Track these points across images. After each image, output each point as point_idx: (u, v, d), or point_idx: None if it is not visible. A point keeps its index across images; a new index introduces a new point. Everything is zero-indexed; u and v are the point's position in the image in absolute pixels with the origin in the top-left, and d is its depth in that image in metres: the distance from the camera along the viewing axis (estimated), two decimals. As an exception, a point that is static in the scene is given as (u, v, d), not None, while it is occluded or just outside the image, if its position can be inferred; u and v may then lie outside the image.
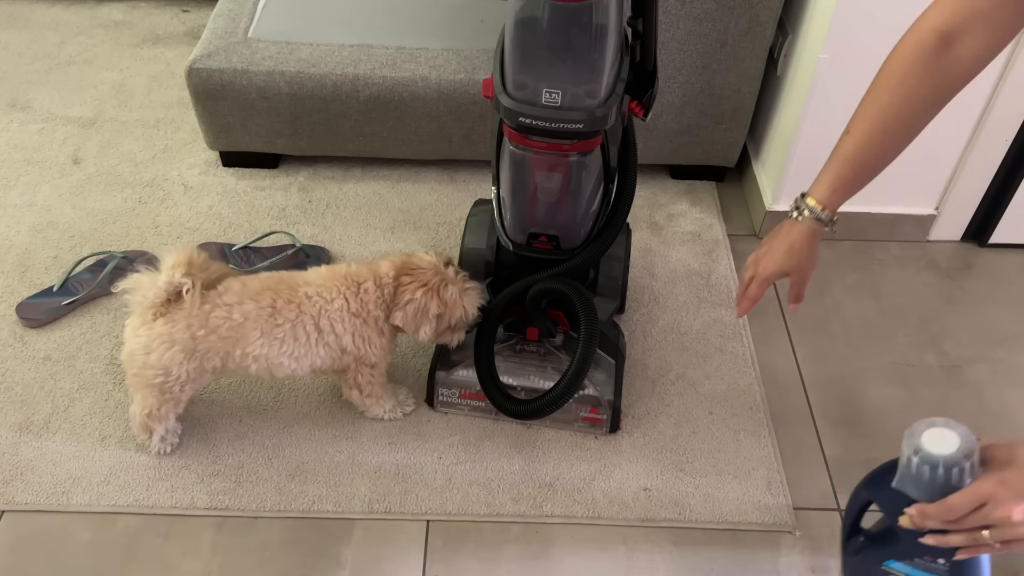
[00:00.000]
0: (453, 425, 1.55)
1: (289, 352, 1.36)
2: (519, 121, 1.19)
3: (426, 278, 1.37)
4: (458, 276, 1.40)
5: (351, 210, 1.94)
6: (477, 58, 1.84)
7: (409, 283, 1.36)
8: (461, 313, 1.39)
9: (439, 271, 1.38)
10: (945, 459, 0.86)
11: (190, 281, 1.28)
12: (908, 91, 1.01)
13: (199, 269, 1.30)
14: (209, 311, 1.31)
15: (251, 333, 1.33)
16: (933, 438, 0.88)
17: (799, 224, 1.14)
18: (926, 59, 0.99)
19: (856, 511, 1.02)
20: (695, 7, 1.70)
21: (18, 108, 2.17)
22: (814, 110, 1.69)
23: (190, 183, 1.98)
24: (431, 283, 1.36)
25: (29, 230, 1.86)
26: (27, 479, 1.44)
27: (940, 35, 0.98)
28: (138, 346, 1.32)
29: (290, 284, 1.37)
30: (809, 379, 1.66)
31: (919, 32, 1.00)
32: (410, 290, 1.36)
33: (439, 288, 1.36)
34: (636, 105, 1.29)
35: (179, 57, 2.32)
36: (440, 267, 1.38)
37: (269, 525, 1.41)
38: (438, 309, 1.37)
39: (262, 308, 1.33)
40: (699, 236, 1.91)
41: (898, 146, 1.06)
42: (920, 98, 1.01)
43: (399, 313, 1.37)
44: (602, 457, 1.51)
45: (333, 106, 1.86)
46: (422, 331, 1.39)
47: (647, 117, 1.31)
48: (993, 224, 1.87)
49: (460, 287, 1.39)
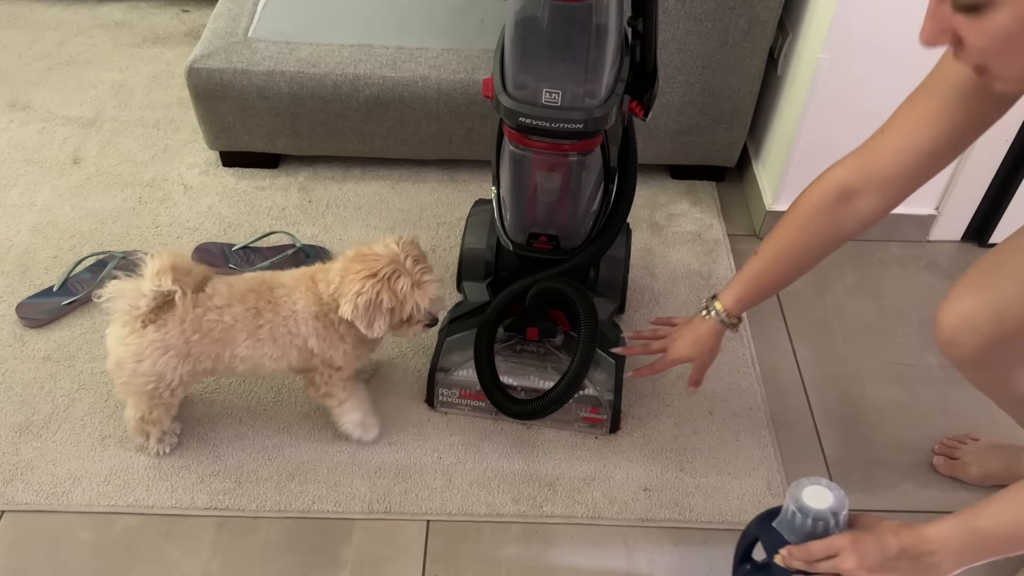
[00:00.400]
0: (453, 425, 1.55)
1: (270, 354, 1.35)
2: (519, 121, 1.19)
3: (377, 267, 1.28)
4: (416, 268, 1.30)
5: (351, 210, 1.94)
6: (477, 58, 1.84)
7: (358, 271, 1.28)
8: (412, 307, 1.30)
9: (394, 260, 1.29)
10: (815, 512, 1.00)
11: (180, 288, 1.27)
12: (808, 234, 1.17)
13: (184, 273, 1.29)
14: (202, 315, 1.30)
15: (239, 335, 1.32)
16: (812, 494, 1.02)
17: (707, 321, 1.30)
18: (827, 210, 1.14)
19: (747, 543, 1.14)
20: (695, 7, 1.70)
21: (18, 108, 2.17)
22: (814, 110, 1.69)
23: (190, 183, 1.98)
24: (381, 272, 1.28)
25: (29, 230, 1.86)
26: (27, 479, 1.44)
27: (841, 191, 1.12)
28: (128, 355, 1.31)
29: (269, 285, 1.35)
30: (809, 379, 1.66)
31: (824, 184, 1.14)
32: (358, 279, 1.27)
33: (390, 278, 1.28)
34: (636, 105, 1.29)
35: (179, 57, 2.32)
36: (397, 256, 1.29)
37: (269, 525, 1.41)
38: (391, 303, 1.29)
39: (248, 310, 1.32)
40: (699, 236, 1.91)
41: (794, 275, 1.24)
42: (816, 242, 1.18)
43: (347, 306, 1.27)
44: (602, 457, 1.51)
45: (333, 106, 1.86)
46: (376, 326, 1.30)
47: (647, 117, 1.31)
48: (993, 224, 1.87)
49: (415, 279, 1.29)
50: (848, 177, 1.11)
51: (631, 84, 1.26)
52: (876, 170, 1.09)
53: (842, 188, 1.12)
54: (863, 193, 1.11)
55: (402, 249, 1.30)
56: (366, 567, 1.36)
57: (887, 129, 1.09)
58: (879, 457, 1.54)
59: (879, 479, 1.51)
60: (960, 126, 1.02)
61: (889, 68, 1.62)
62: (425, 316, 1.34)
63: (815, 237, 1.17)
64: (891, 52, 1.59)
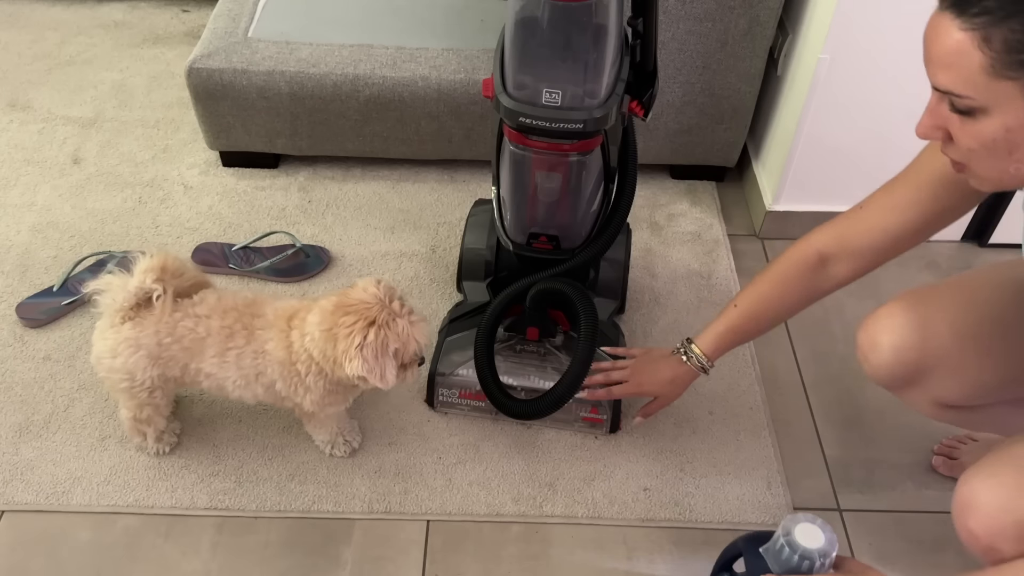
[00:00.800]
0: (453, 425, 1.55)
1: (233, 379, 1.32)
2: (519, 121, 1.19)
3: (371, 314, 1.22)
4: (403, 308, 1.25)
5: (351, 210, 1.94)
6: (477, 58, 1.84)
7: (354, 323, 1.22)
8: (415, 348, 1.27)
9: (383, 304, 1.23)
10: (804, 549, 1.02)
11: (161, 287, 1.26)
12: (785, 290, 1.27)
13: (172, 275, 1.29)
14: (178, 320, 1.29)
15: (208, 349, 1.30)
16: (804, 531, 1.04)
17: (685, 365, 1.36)
18: (804, 270, 1.23)
19: (730, 555, 1.19)
20: (695, 7, 1.70)
21: (18, 108, 2.17)
22: (814, 110, 1.69)
23: (190, 183, 1.98)
24: (380, 319, 1.22)
25: (29, 230, 1.86)
26: (27, 479, 1.44)
27: (819, 256, 1.22)
28: (104, 349, 1.31)
29: (254, 311, 1.32)
30: (809, 379, 1.66)
31: (806, 247, 1.23)
32: (358, 331, 1.21)
33: (388, 323, 1.23)
34: (636, 105, 1.29)
35: (179, 57, 2.32)
36: (383, 300, 1.24)
37: (269, 525, 1.41)
38: (395, 346, 1.23)
39: (223, 327, 1.30)
40: (699, 236, 1.91)
41: (769, 327, 1.34)
42: (793, 300, 1.28)
43: (356, 361, 1.20)
44: (602, 457, 1.51)
45: (333, 106, 1.86)
46: (387, 375, 1.24)
47: (647, 117, 1.31)
48: (993, 224, 1.87)
49: (409, 319, 1.25)
50: (826, 244, 1.21)
51: (631, 84, 1.26)
52: (850, 240, 1.19)
53: (820, 253, 1.21)
54: (838, 259, 1.21)
55: (383, 292, 1.25)
56: (366, 567, 1.36)
57: (864, 206, 1.19)
58: (879, 457, 1.54)
59: (879, 479, 1.51)
60: (928, 215, 1.13)
61: (889, 68, 1.62)
62: (418, 356, 1.30)
63: (792, 295, 1.27)
64: (891, 52, 1.59)
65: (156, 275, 1.26)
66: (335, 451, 1.47)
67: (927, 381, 1.20)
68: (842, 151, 1.76)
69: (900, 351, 1.19)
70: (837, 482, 1.50)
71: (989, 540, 0.98)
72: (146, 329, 1.29)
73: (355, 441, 1.48)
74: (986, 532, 0.99)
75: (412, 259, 1.83)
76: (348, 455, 1.48)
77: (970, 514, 1.00)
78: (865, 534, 1.44)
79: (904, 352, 1.18)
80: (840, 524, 1.45)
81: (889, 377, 1.23)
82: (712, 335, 1.33)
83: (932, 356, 1.17)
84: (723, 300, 1.77)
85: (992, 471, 1.00)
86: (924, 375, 1.19)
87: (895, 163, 1.88)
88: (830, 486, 1.50)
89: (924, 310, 1.19)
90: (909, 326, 1.18)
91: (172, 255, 1.31)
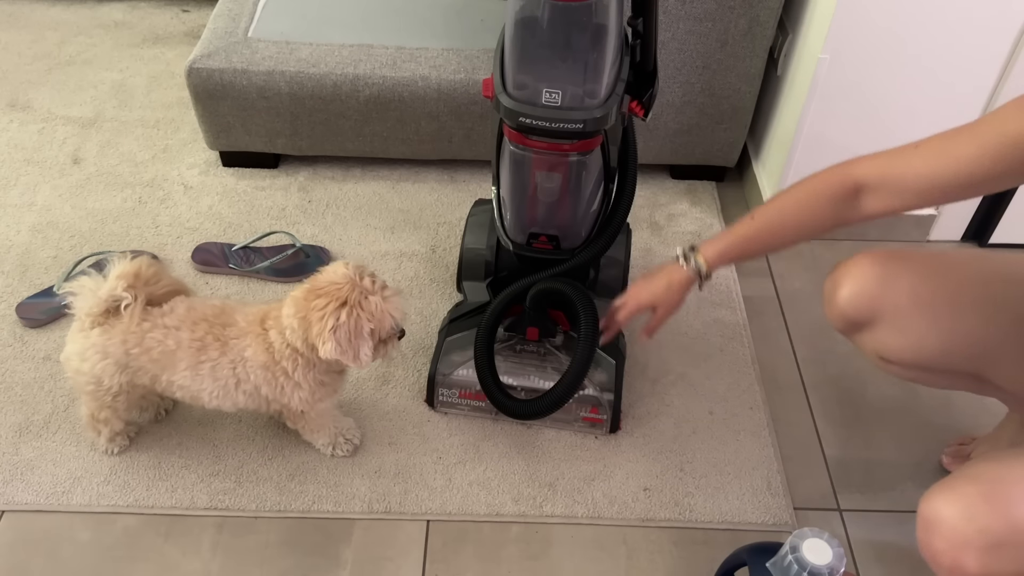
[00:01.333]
0: (453, 425, 1.55)
1: (209, 391, 1.31)
2: (519, 121, 1.19)
3: (342, 294, 1.21)
4: (375, 284, 1.24)
5: (351, 210, 1.94)
6: (477, 58, 1.84)
7: (325, 305, 1.21)
8: (391, 323, 1.26)
9: (353, 283, 1.22)
10: (812, 566, 1.02)
11: (131, 296, 1.25)
12: (810, 210, 1.18)
13: (145, 283, 1.27)
14: (147, 330, 1.28)
15: (179, 362, 1.29)
16: (812, 547, 1.04)
17: (682, 270, 1.28)
18: (837, 195, 1.15)
19: (733, 564, 1.21)
20: (695, 7, 1.70)
21: (18, 108, 2.17)
22: (814, 110, 1.69)
23: (190, 183, 1.98)
24: (351, 298, 1.21)
25: (29, 230, 1.86)
26: (27, 479, 1.44)
27: (857, 184, 1.13)
28: (72, 351, 1.31)
29: (225, 321, 1.30)
30: (809, 379, 1.66)
31: (844, 173, 1.15)
32: (330, 313, 1.20)
33: (360, 302, 1.22)
34: (636, 105, 1.29)
35: (179, 57, 2.32)
36: (354, 279, 1.23)
37: (269, 525, 1.41)
38: (370, 325, 1.22)
39: (193, 340, 1.28)
40: (699, 236, 1.91)
41: (782, 244, 1.25)
42: (815, 222, 1.19)
43: (329, 344, 1.20)
44: (602, 457, 1.51)
45: (333, 106, 1.86)
46: (362, 355, 1.24)
47: (647, 117, 1.31)
48: (993, 224, 1.87)
49: (382, 295, 1.24)
50: (868, 174, 1.13)
51: (631, 84, 1.27)
52: (895, 177, 1.12)
53: (858, 183, 1.13)
54: (876, 193, 1.13)
55: (354, 271, 1.24)
56: (366, 567, 1.36)
57: (921, 148, 1.11)
58: (879, 457, 1.54)
59: (879, 479, 1.51)
60: (985, 174, 1.05)
61: (889, 67, 1.62)
62: (398, 328, 1.29)
63: (816, 218, 1.18)
64: (891, 52, 1.59)
65: (128, 282, 1.25)
66: (337, 451, 1.47)
67: (874, 331, 1.22)
68: (842, 151, 1.74)
69: (857, 296, 1.21)
70: (837, 482, 1.50)
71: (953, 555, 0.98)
72: (114, 337, 1.28)
73: (355, 438, 1.48)
74: (950, 545, 0.98)
75: (412, 259, 1.83)
76: (351, 453, 1.48)
77: (934, 531, 1.00)
78: (865, 534, 1.44)
79: (860, 298, 1.21)
80: (840, 524, 1.45)
81: (841, 319, 1.25)
82: (719, 243, 1.26)
83: (884, 309, 1.20)
84: (723, 300, 1.78)
85: (952, 486, 1.01)
86: (872, 324, 1.22)
87: (895, 163, 1.87)
88: (830, 486, 1.50)
89: (891, 267, 1.22)
90: (873, 277, 1.21)
91: (148, 261, 1.30)
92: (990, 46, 1.58)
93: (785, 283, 1.83)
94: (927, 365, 1.23)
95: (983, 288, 1.20)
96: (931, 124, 1.78)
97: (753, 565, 1.11)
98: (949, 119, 1.71)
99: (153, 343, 1.28)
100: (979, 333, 1.18)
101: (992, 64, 1.61)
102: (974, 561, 0.96)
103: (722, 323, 1.73)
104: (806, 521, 1.44)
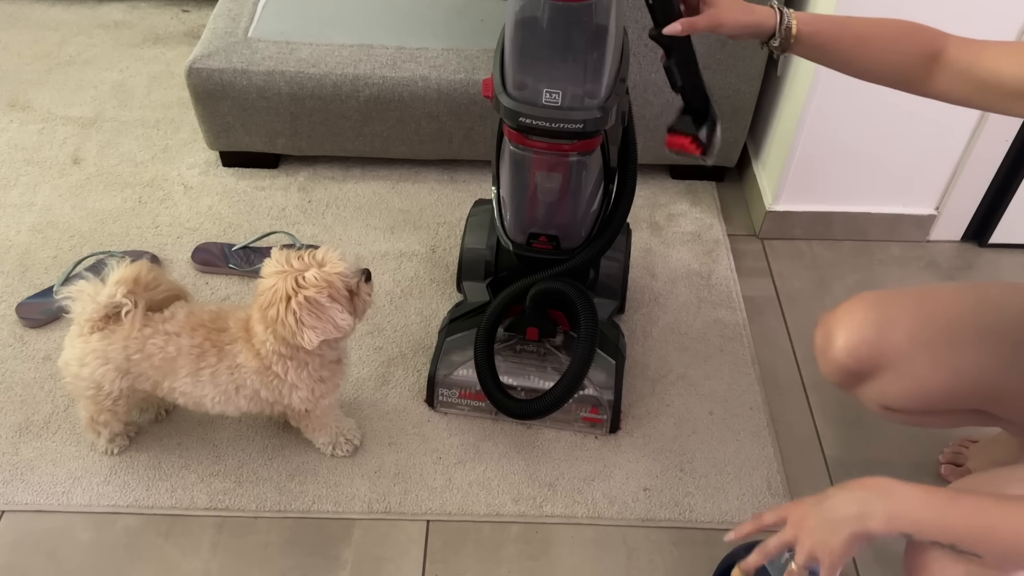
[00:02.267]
0: (453, 425, 1.55)
1: (211, 397, 1.31)
2: (519, 121, 1.19)
3: (280, 290, 1.19)
4: (306, 259, 1.21)
5: (351, 210, 1.94)
6: (477, 58, 1.84)
7: (276, 310, 1.20)
8: (343, 278, 1.22)
9: (281, 269, 1.20)
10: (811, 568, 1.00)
11: (131, 302, 1.24)
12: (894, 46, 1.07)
13: (145, 288, 1.26)
14: (148, 336, 1.27)
15: (180, 369, 1.28)
16: None
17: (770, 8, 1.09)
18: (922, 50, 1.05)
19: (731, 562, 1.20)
20: (695, 7, 1.70)
21: (18, 108, 2.17)
22: (814, 110, 1.69)
23: (190, 183, 1.98)
24: (289, 288, 1.19)
25: (29, 230, 1.86)
26: (27, 479, 1.44)
27: (939, 48, 1.04)
28: (72, 356, 1.30)
29: (220, 326, 1.29)
30: (809, 379, 1.66)
31: (936, 33, 1.05)
32: (284, 312, 1.18)
33: (299, 284, 1.19)
34: (691, 143, 1.22)
35: (179, 57, 2.32)
36: (280, 264, 1.21)
37: (269, 525, 1.41)
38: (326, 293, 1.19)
39: (193, 346, 1.28)
40: (699, 236, 1.91)
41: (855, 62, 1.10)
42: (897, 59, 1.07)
43: (306, 335, 1.19)
44: (602, 457, 1.51)
45: (333, 106, 1.86)
46: (339, 321, 1.21)
47: (709, 156, 1.23)
48: (993, 224, 1.87)
49: (317, 262, 1.21)
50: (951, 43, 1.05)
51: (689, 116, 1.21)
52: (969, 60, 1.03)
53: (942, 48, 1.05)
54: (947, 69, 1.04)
55: (280, 261, 1.22)
56: (366, 567, 1.36)
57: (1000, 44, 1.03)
58: (879, 458, 1.54)
59: (879, 479, 1.51)
60: None
61: (889, 68, 1.62)
62: (356, 274, 1.25)
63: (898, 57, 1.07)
64: (891, 52, 1.59)
65: (127, 287, 1.24)
66: (337, 451, 1.47)
67: (876, 380, 1.18)
68: (842, 151, 1.76)
69: (855, 346, 1.17)
70: (837, 482, 1.50)
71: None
72: (115, 343, 1.27)
73: (356, 439, 1.48)
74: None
75: (412, 259, 1.83)
76: (351, 454, 1.48)
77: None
78: (865, 534, 1.44)
79: (859, 346, 1.17)
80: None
81: (840, 371, 1.20)
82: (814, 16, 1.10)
83: (885, 355, 1.16)
84: (723, 300, 1.78)
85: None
86: (874, 373, 1.18)
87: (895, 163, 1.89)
88: (829, 486, 1.50)
89: (884, 310, 1.18)
90: (868, 322, 1.17)
91: (147, 266, 1.29)
92: (990, 46, 1.58)
93: (785, 283, 1.83)
94: (933, 408, 1.19)
95: (978, 319, 1.16)
96: (931, 124, 1.79)
97: None
98: (949, 119, 1.72)
99: (154, 349, 1.27)
100: (981, 366, 1.14)
101: (992, 64, 1.60)
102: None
103: (722, 323, 1.73)
104: (806, 521, 1.44)
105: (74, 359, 1.30)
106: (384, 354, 1.65)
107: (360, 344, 1.66)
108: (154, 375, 1.30)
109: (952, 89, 1.05)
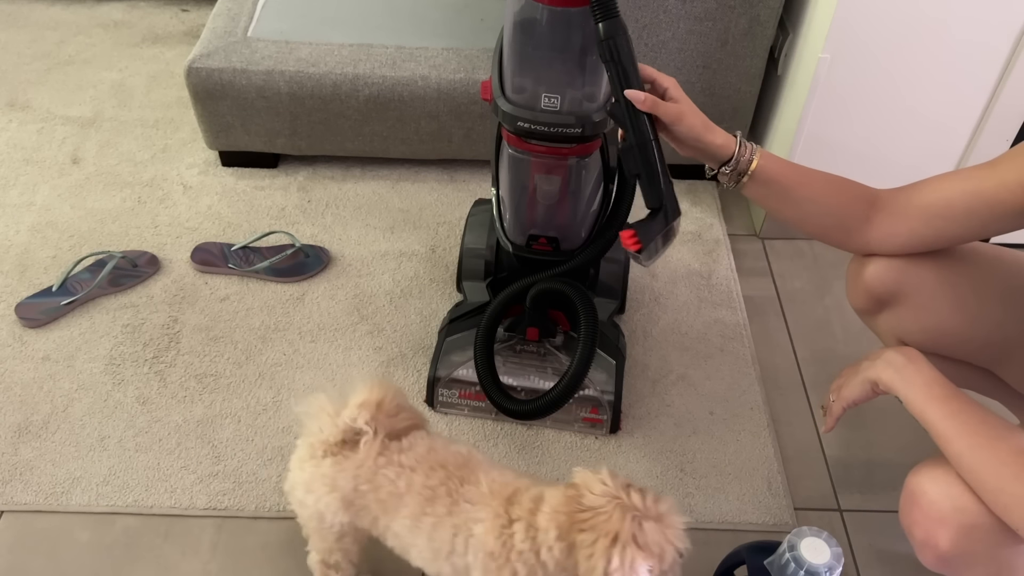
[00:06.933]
0: (453, 426, 1.54)
1: (419, 548, 1.12)
2: (518, 125, 1.19)
3: (611, 527, 0.97)
4: (645, 501, 0.99)
5: (351, 210, 1.94)
6: (477, 58, 1.84)
7: (593, 542, 0.97)
8: (672, 555, 0.99)
9: (624, 506, 0.98)
10: (810, 565, 1.03)
11: (372, 430, 1.10)
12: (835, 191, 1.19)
13: (387, 414, 1.11)
14: (381, 465, 1.10)
15: (403, 508, 1.10)
16: (810, 545, 1.05)
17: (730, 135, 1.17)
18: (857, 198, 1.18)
19: (730, 564, 1.22)
20: (695, 6, 1.70)
21: (17, 108, 2.17)
22: (814, 110, 1.69)
23: (189, 183, 1.98)
24: (622, 533, 0.96)
25: (28, 230, 1.86)
26: (27, 479, 1.44)
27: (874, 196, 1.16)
28: (299, 481, 1.15)
29: (465, 476, 1.10)
30: (810, 379, 1.66)
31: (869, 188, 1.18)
32: (599, 553, 0.96)
33: (635, 535, 0.97)
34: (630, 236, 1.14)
35: (179, 57, 2.32)
36: (620, 497, 0.99)
37: (269, 526, 1.41)
38: (649, 563, 0.97)
39: (426, 487, 1.09)
40: (699, 236, 1.91)
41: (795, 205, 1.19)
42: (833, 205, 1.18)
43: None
44: (602, 457, 1.51)
45: (333, 106, 1.85)
46: None
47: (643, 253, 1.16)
48: (993, 224, 1.87)
49: (658, 517, 0.99)
50: (884, 192, 1.15)
51: None
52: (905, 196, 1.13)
53: (876, 196, 1.15)
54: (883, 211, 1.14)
55: (615, 485, 1.00)
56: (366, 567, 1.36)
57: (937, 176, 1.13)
58: (879, 457, 1.54)
59: (879, 479, 1.51)
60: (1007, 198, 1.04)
61: (889, 68, 1.62)
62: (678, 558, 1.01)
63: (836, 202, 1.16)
64: (891, 52, 1.59)
65: (370, 413, 1.09)
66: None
67: (896, 309, 1.21)
68: (842, 151, 1.76)
69: (885, 271, 1.19)
70: (837, 482, 1.50)
71: (928, 527, 1.04)
72: (346, 471, 1.11)
73: None
74: (927, 518, 1.04)
75: (412, 259, 1.83)
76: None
77: (915, 504, 1.06)
78: (865, 534, 1.44)
79: (888, 272, 1.19)
80: (840, 524, 1.45)
81: (866, 295, 1.23)
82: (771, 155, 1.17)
83: (909, 285, 1.18)
84: (723, 300, 1.78)
85: (938, 464, 1.06)
86: (896, 302, 1.21)
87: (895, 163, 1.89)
88: (830, 486, 1.50)
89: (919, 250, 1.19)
90: (902, 256, 1.19)
91: (393, 388, 1.13)
92: (991, 46, 1.58)
93: (785, 283, 1.83)
94: (943, 350, 1.21)
95: (1008, 281, 1.18)
96: (932, 124, 1.79)
97: (751, 563, 1.12)
98: (949, 119, 1.71)
99: (384, 481, 1.10)
100: (1000, 324, 1.17)
101: (993, 64, 1.60)
102: (946, 537, 1.02)
103: (722, 323, 1.73)
104: (807, 521, 1.44)
105: (300, 483, 1.14)
106: (384, 354, 1.65)
107: (360, 344, 1.66)
108: (375, 510, 1.12)
109: (895, 227, 1.14)
